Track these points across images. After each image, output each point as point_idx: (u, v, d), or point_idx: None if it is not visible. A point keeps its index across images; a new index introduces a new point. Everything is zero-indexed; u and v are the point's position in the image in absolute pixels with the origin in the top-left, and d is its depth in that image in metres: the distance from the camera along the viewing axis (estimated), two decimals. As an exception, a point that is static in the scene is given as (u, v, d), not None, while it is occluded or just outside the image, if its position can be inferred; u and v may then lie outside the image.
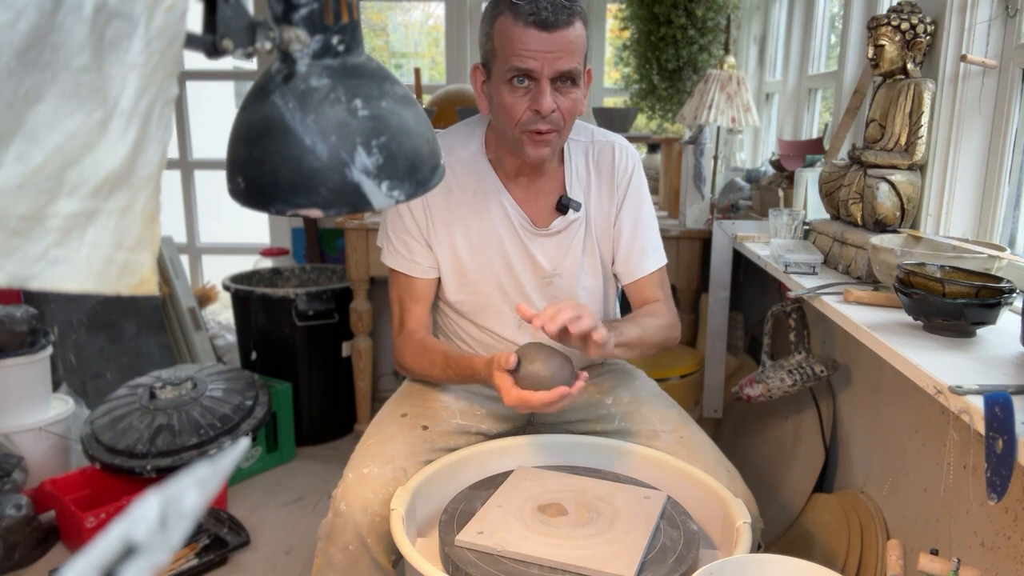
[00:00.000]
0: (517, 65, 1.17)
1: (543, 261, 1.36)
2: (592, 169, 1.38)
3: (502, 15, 1.18)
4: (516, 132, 1.23)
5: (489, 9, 1.22)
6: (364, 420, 2.70)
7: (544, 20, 1.15)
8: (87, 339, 2.68)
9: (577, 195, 1.36)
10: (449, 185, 1.33)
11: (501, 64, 1.19)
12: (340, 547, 1.19)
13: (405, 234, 1.34)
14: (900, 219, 1.45)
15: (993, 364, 0.98)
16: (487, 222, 1.33)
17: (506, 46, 1.18)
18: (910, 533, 1.38)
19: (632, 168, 1.40)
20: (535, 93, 1.19)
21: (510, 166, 1.33)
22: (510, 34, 1.17)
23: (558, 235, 1.36)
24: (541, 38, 1.15)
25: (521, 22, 1.15)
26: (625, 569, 0.99)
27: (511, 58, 1.17)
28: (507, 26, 1.17)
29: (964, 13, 1.37)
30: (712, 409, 2.24)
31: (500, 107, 1.22)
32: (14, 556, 1.89)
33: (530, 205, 1.35)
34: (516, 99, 1.20)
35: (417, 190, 0.64)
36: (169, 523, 0.30)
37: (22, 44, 0.39)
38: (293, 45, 0.59)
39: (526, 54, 1.16)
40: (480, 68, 1.27)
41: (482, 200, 1.33)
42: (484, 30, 1.22)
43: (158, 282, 0.53)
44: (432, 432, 1.32)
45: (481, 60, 1.26)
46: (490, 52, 1.22)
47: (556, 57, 1.17)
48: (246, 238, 3.49)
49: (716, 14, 2.63)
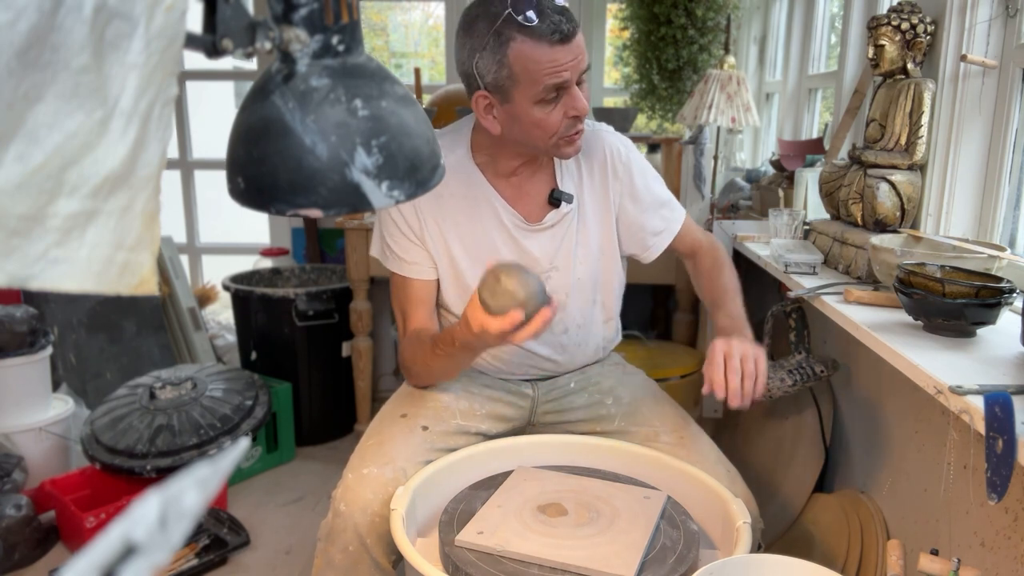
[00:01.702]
0: (554, 83, 1.16)
1: (539, 256, 1.35)
2: (582, 160, 1.38)
3: (515, 40, 1.14)
4: (552, 142, 1.23)
5: (492, 37, 1.15)
6: (364, 420, 2.70)
7: (563, 32, 1.15)
8: (87, 339, 2.68)
9: (568, 187, 1.36)
10: (439, 191, 1.32)
11: (528, 88, 1.17)
12: (340, 548, 1.19)
13: (400, 237, 1.34)
14: (900, 219, 1.45)
15: (993, 364, 0.98)
16: (479, 224, 1.33)
17: (533, 69, 1.15)
18: (910, 533, 1.38)
19: (626, 152, 1.40)
20: (567, 100, 1.19)
21: (506, 167, 1.33)
22: (536, 57, 1.14)
23: (551, 229, 1.36)
24: (566, 51, 1.15)
25: (545, 42, 1.14)
26: (625, 569, 0.99)
27: (544, 78, 1.16)
28: (529, 50, 1.14)
29: (964, 13, 1.37)
30: (712, 409, 2.24)
31: (533, 126, 1.21)
32: (14, 556, 1.89)
33: (522, 202, 1.35)
34: (549, 113, 1.19)
35: (417, 190, 0.64)
36: (169, 523, 0.30)
37: (22, 44, 0.39)
38: (293, 45, 0.59)
39: (561, 70, 1.16)
40: (488, 95, 1.21)
41: (472, 203, 1.33)
42: (493, 59, 1.16)
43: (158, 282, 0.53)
44: (432, 432, 1.32)
45: (487, 87, 1.20)
46: (507, 79, 1.17)
47: (579, 61, 1.18)
48: (246, 238, 3.49)
49: (716, 14, 2.63)
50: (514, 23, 1.13)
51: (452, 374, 1.37)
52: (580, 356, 1.46)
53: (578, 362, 1.47)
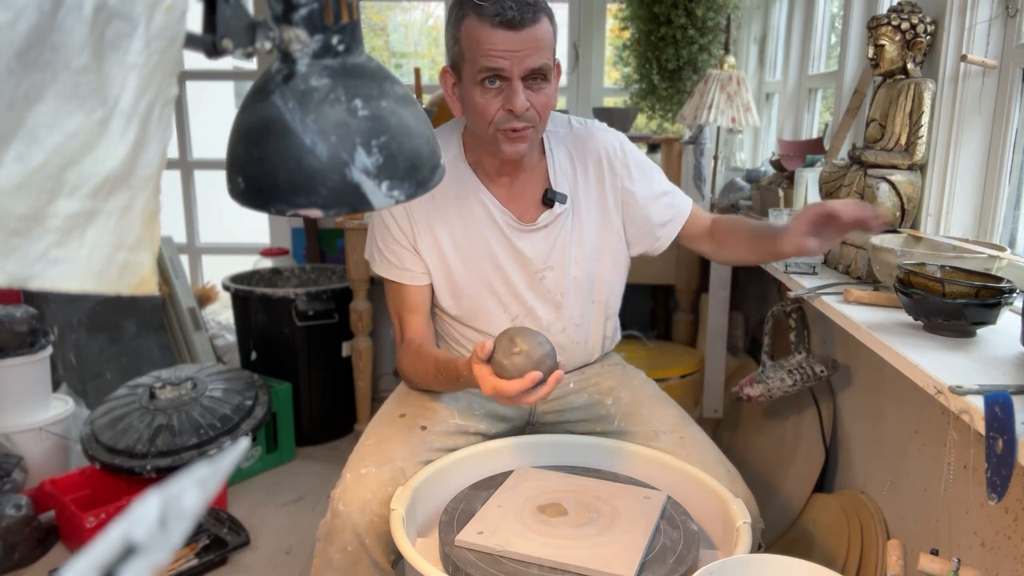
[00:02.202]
0: (487, 65, 1.17)
1: (532, 256, 1.35)
2: (576, 158, 1.38)
3: (467, 17, 1.17)
4: (491, 131, 1.22)
5: (454, 11, 1.21)
6: (364, 420, 2.70)
7: (511, 20, 1.14)
8: (87, 339, 2.68)
9: (562, 187, 1.36)
10: (431, 193, 1.32)
11: (471, 66, 1.19)
12: (339, 547, 1.19)
13: (393, 243, 1.34)
14: (900, 219, 1.45)
15: (993, 364, 0.98)
16: (471, 224, 1.33)
17: (474, 47, 1.17)
18: (910, 533, 1.38)
19: (621, 148, 1.40)
20: (507, 93, 1.19)
21: (490, 166, 1.33)
22: (477, 35, 1.16)
23: (545, 229, 1.36)
24: (509, 38, 1.15)
25: (488, 23, 1.15)
26: (625, 569, 0.99)
27: (480, 59, 1.17)
28: (474, 28, 1.17)
29: (964, 13, 1.37)
30: (712, 409, 2.24)
31: (473, 108, 1.22)
32: (14, 556, 1.89)
33: (515, 202, 1.35)
34: (488, 100, 1.20)
35: (417, 190, 0.64)
36: (169, 523, 0.30)
37: (22, 44, 0.39)
38: (293, 45, 0.59)
39: (495, 54, 1.16)
40: (450, 71, 1.26)
41: (464, 203, 1.33)
42: (451, 33, 1.22)
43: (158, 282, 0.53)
44: (431, 432, 1.32)
45: (449, 63, 1.25)
46: (458, 54, 1.21)
47: (525, 55, 1.17)
48: (246, 238, 3.49)
49: (716, 14, 2.63)
50: (469, 1, 1.16)
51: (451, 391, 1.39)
52: (579, 355, 1.46)
53: (577, 361, 1.47)
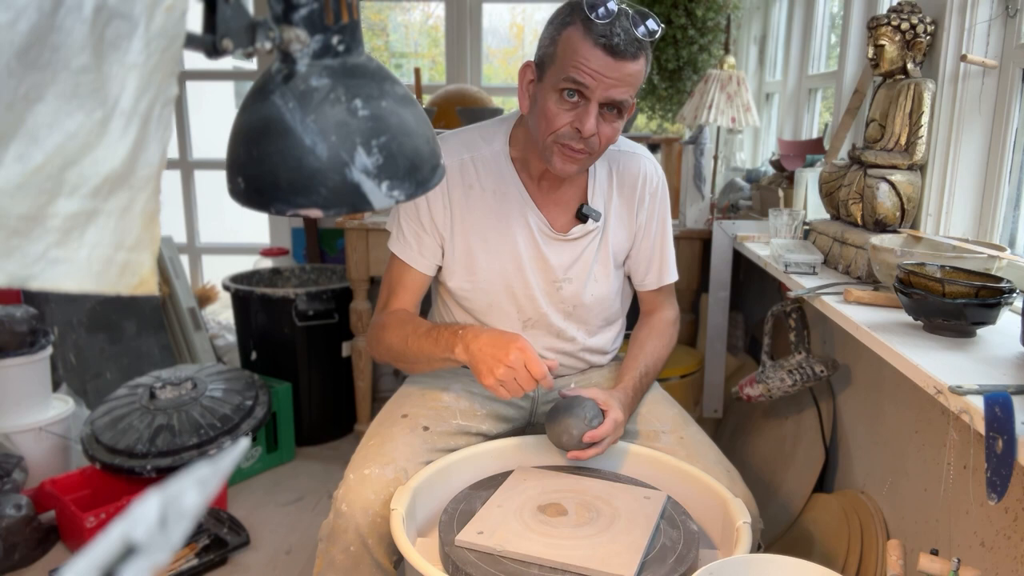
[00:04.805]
0: (574, 77, 1.15)
1: (556, 266, 1.36)
2: (615, 179, 1.39)
3: (573, 25, 1.16)
4: (549, 140, 1.22)
5: (562, 14, 1.19)
6: (364, 420, 2.70)
7: (615, 46, 1.14)
8: (87, 339, 2.68)
9: (598, 205, 1.37)
10: (469, 182, 1.33)
11: (557, 71, 1.18)
12: (341, 548, 1.19)
13: (419, 227, 1.34)
14: (900, 219, 1.45)
15: (993, 364, 0.98)
16: (505, 223, 1.33)
17: (568, 56, 1.16)
18: (910, 533, 1.38)
19: (658, 185, 1.42)
20: (581, 112, 1.18)
21: (535, 169, 1.33)
22: (576, 46, 1.15)
23: (575, 241, 1.37)
24: (605, 62, 1.14)
25: (591, 39, 1.14)
26: (625, 569, 0.99)
27: (570, 69, 1.16)
28: (575, 38, 1.15)
29: (964, 13, 1.37)
30: (712, 409, 2.24)
31: (542, 113, 1.21)
32: (14, 556, 1.89)
33: (550, 209, 1.36)
34: (561, 110, 1.19)
35: (417, 190, 0.64)
36: (169, 523, 0.30)
37: (22, 44, 0.39)
38: (293, 45, 0.59)
39: (586, 70, 1.15)
40: (532, 67, 1.25)
41: (502, 201, 1.33)
42: (550, 33, 1.20)
43: (158, 282, 0.53)
44: (433, 433, 1.32)
45: (536, 59, 1.24)
46: (550, 56, 1.19)
47: (612, 84, 1.16)
48: (246, 238, 3.49)
49: (716, 14, 2.63)
50: (582, 12, 1.15)
51: (420, 367, 1.35)
52: (585, 363, 1.49)
53: (582, 367, 1.48)
